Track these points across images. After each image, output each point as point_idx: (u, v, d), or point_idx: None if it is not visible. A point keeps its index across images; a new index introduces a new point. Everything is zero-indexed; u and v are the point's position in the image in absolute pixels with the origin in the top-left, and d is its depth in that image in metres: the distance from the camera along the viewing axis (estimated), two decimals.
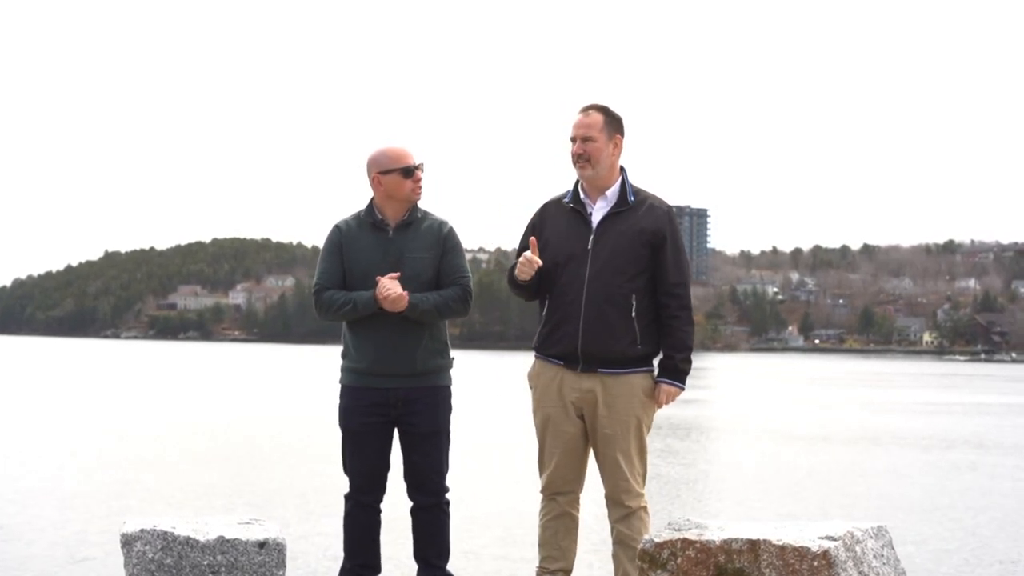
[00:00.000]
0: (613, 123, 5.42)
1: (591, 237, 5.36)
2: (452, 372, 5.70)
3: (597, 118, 5.39)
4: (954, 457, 15.99)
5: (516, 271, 5.42)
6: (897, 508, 10.65)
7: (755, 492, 11.79)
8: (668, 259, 5.34)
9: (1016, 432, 21.52)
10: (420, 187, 5.52)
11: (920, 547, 8.53)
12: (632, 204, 5.39)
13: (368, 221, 5.54)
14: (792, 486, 12.34)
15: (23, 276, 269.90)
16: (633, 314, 5.30)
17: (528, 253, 5.36)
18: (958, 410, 28.83)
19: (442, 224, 5.62)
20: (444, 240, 5.57)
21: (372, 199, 5.58)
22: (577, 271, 5.34)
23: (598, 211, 5.41)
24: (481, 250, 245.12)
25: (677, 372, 5.38)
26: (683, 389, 5.44)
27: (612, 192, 5.42)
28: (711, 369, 68.02)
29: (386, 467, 5.60)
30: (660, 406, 5.46)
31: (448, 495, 5.64)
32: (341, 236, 5.55)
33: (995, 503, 11.23)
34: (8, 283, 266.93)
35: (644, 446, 5.45)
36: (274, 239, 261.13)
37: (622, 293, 5.30)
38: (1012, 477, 13.71)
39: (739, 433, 20.08)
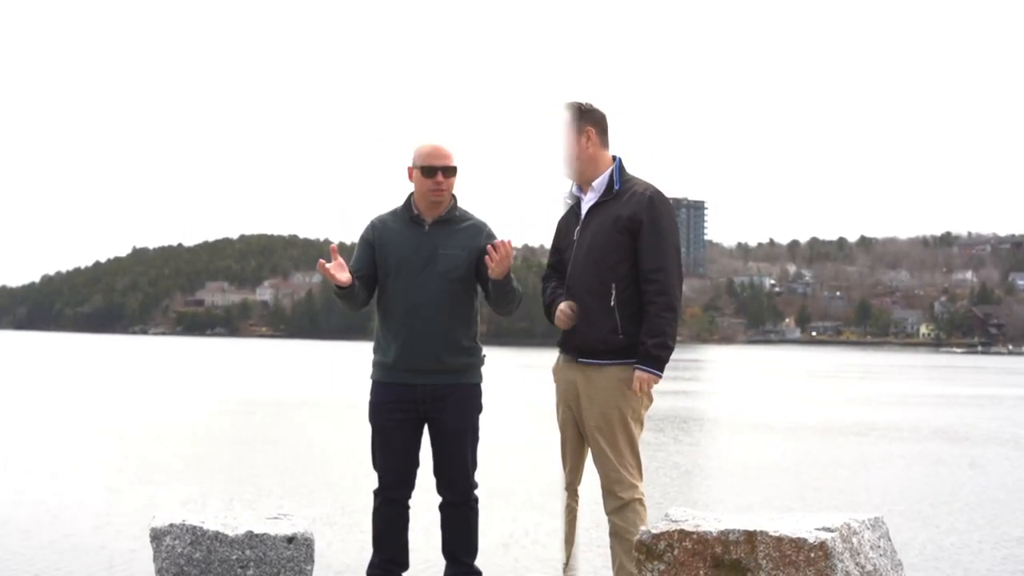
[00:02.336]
0: (582, 116, 5.39)
1: (577, 228, 5.40)
2: (483, 370, 5.67)
3: (563, 116, 5.40)
4: (949, 448, 16.07)
5: (556, 320, 5.36)
6: (893, 499, 10.70)
7: (751, 484, 11.82)
8: (645, 244, 5.24)
9: (1010, 424, 21.64)
10: (441, 191, 5.48)
11: (916, 538, 8.57)
12: (617, 192, 5.35)
13: (405, 216, 5.54)
14: (788, 478, 12.40)
15: (52, 273, 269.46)
16: (612, 303, 5.23)
17: (567, 310, 5.32)
18: (954, 402, 28.87)
19: (483, 226, 5.62)
20: (487, 240, 5.52)
21: (412, 192, 5.59)
22: (566, 263, 5.42)
23: (587, 203, 5.41)
24: None
25: (650, 358, 5.18)
26: (659, 376, 5.23)
27: (599, 182, 5.39)
28: (707, 362, 67.76)
29: (415, 463, 5.58)
30: (636, 393, 5.26)
31: (476, 492, 5.63)
32: (374, 233, 5.55)
33: (990, 493, 11.31)
34: (37, 280, 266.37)
35: (632, 437, 5.34)
36: (301, 235, 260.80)
37: (601, 282, 5.24)
38: (1007, 467, 13.84)
39: (735, 426, 20.11)
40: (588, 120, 5.39)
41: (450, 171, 5.50)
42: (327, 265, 5.31)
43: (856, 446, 16.42)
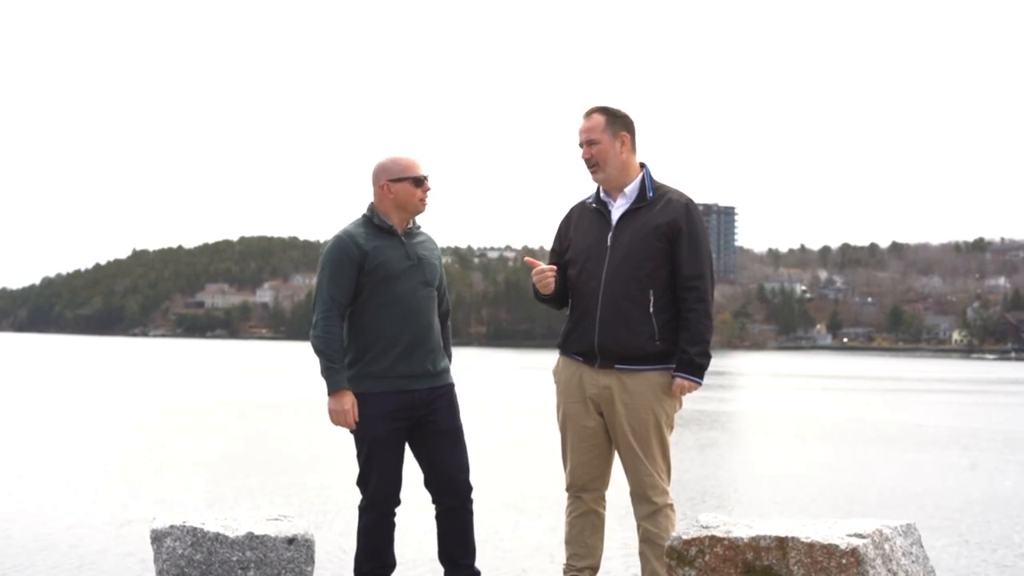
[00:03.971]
0: (616, 121, 5.40)
1: (610, 234, 5.38)
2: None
3: (598, 120, 5.39)
4: (983, 455, 15.91)
5: (537, 286, 5.46)
6: (926, 506, 10.60)
7: (782, 490, 11.74)
8: (684, 252, 5.32)
9: None
10: (426, 198, 5.55)
11: (949, 545, 8.49)
12: (651, 199, 5.39)
13: (378, 226, 5.50)
14: (819, 484, 12.29)
15: (52, 275, 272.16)
16: (651, 309, 5.29)
17: (537, 265, 5.43)
18: (987, 407, 28.66)
19: (433, 239, 5.74)
20: (440, 256, 5.72)
21: (373, 207, 5.55)
22: (595, 269, 5.36)
23: (618, 209, 5.42)
24: (508, 248, 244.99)
25: (693, 366, 5.31)
26: (700, 384, 5.35)
27: (631, 189, 5.43)
28: (737, 367, 67.79)
29: (401, 471, 5.60)
30: (676, 399, 5.41)
31: (472, 494, 5.62)
32: (356, 246, 5.43)
33: None
34: (37, 282, 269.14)
35: (665, 443, 5.43)
36: (301, 237, 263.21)
37: (640, 288, 5.29)
38: None
39: (765, 431, 20.01)
40: (622, 125, 5.42)
41: (428, 179, 5.60)
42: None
43: (888, 452, 16.25)
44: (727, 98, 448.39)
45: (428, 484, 5.58)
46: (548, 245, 5.79)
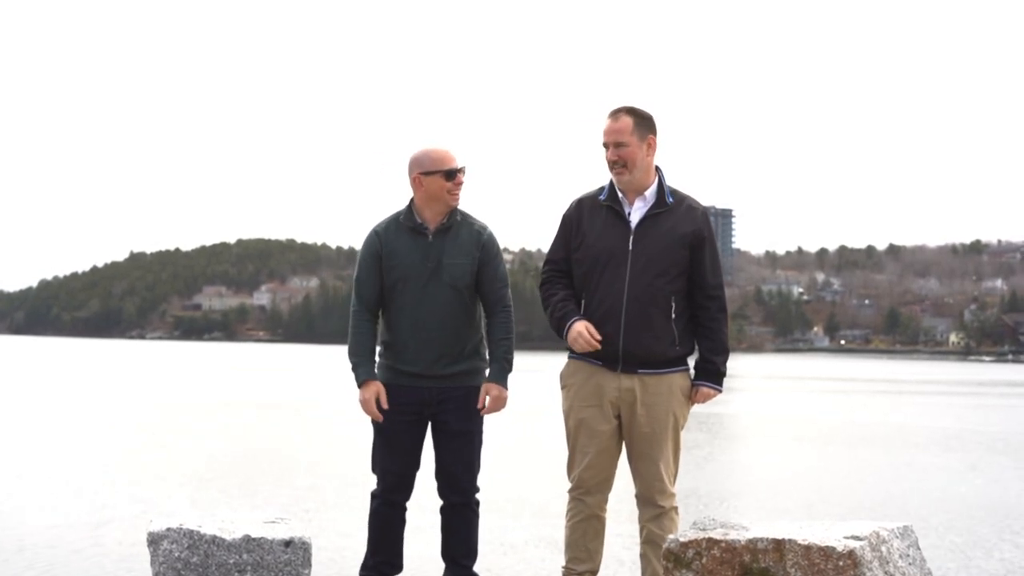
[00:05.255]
0: (644, 124, 5.39)
1: (631, 237, 5.35)
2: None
3: (627, 122, 5.35)
4: (981, 456, 15.90)
5: (569, 340, 5.35)
6: (923, 508, 10.58)
7: (779, 493, 11.73)
8: (707, 261, 5.39)
9: None
10: (459, 192, 5.53)
11: (946, 547, 8.48)
12: (671, 205, 5.40)
13: (407, 224, 5.52)
14: (817, 486, 12.28)
15: (49, 277, 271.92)
16: (673, 315, 5.33)
17: (590, 337, 5.29)
18: (984, 409, 28.65)
19: (482, 230, 5.62)
20: (484, 247, 5.59)
21: (412, 200, 5.56)
22: (617, 271, 5.33)
23: (636, 211, 5.39)
24: (505, 250, 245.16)
25: (718, 375, 5.44)
26: (721, 391, 5.47)
27: (650, 192, 5.41)
28: (735, 369, 67.71)
29: (416, 466, 5.63)
30: (695, 404, 5.50)
31: (478, 495, 5.66)
32: (380, 242, 5.51)
33: (1023, 502, 11.16)
34: (34, 284, 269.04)
35: (679, 445, 5.48)
36: (299, 240, 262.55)
37: (663, 295, 5.31)
38: None
39: (762, 433, 19.99)
40: (648, 128, 5.40)
41: (463, 170, 5.56)
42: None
43: (885, 454, 16.23)
44: (724, 100, 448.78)
45: (437, 479, 5.66)
46: (547, 246, 5.71)
